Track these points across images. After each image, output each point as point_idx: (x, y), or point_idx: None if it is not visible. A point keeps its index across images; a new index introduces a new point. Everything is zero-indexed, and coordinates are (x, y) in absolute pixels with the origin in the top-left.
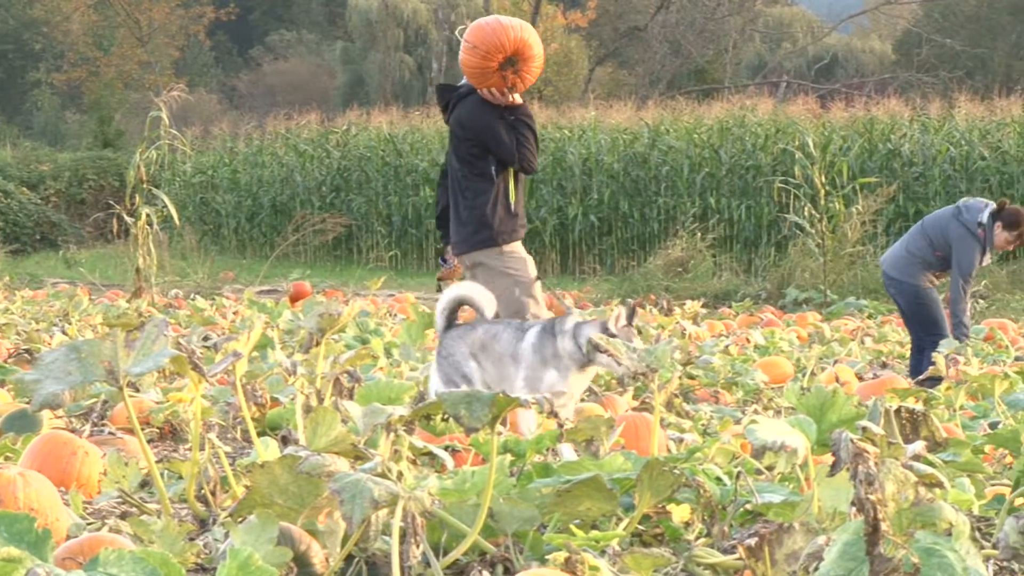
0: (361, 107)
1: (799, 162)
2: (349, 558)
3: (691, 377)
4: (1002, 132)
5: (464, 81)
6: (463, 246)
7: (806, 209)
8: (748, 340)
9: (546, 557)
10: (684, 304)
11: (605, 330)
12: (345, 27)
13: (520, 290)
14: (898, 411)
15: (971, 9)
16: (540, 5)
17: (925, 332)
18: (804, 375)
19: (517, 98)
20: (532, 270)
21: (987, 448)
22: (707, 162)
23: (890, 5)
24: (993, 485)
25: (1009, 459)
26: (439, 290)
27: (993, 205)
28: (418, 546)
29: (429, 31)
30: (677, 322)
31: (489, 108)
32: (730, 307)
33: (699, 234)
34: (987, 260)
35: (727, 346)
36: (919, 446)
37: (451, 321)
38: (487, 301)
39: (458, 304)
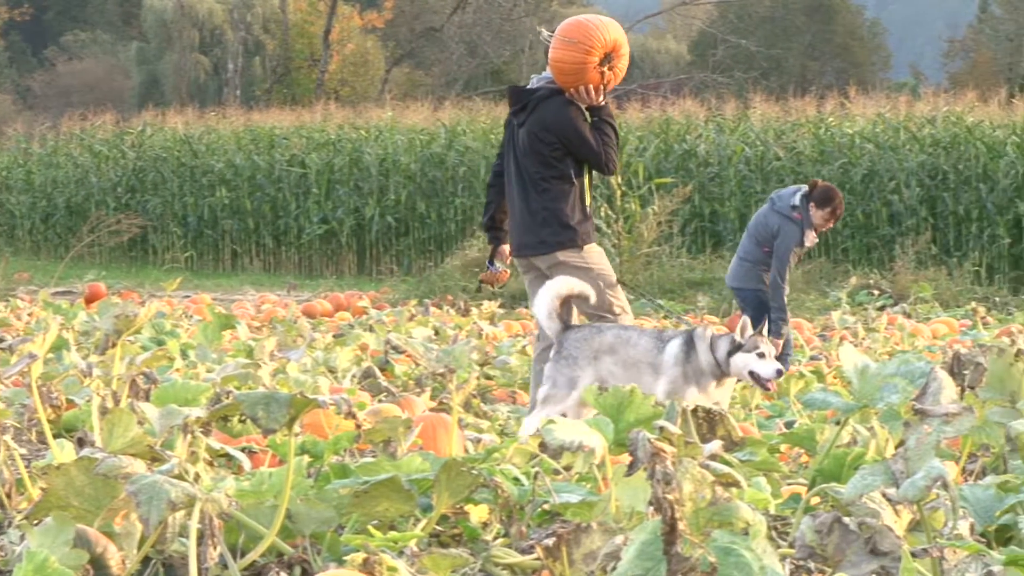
0: (157, 107)
1: None
2: (146, 560)
3: (488, 377)
4: (797, 132)
5: (535, 83)
6: (541, 247)
7: (602, 209)
8: None
9: (344, 558)
10: (481, 305)
11: (733, 341)
12: (140, 27)
13: (604, 284)
14: (695, 411)
15: (766, 10)
16: (336, 5)
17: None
18: None
19: (601, 99)
20: (611, 268)
21: (783, 447)
22: None
23: (686, 6)
24: (789, 484)
25: (805, 458)
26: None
27: (805, 188)
28: (216, 548)
29: (225, 31)
30: (474, 322)
31: (574, 109)
32: (527, 307)
33: None
34: (811, 240)
35: (524, 346)
36: (716, 445)
37: (566, 321)
38: (585, 288)
39: (561, 301)
